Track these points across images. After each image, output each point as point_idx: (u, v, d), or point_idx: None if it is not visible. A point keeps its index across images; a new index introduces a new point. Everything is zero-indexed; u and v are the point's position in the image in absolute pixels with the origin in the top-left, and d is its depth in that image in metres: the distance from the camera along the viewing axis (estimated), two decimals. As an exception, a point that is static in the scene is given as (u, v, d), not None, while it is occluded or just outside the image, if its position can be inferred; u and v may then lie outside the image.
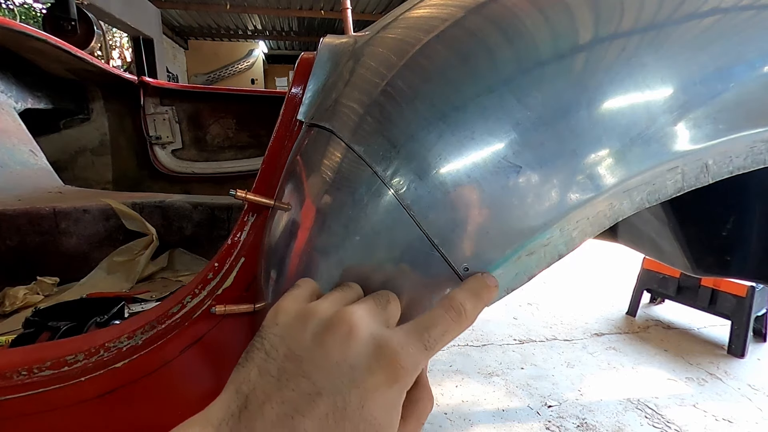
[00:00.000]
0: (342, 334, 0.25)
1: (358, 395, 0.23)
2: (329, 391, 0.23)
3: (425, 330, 0.26)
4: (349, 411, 0.23)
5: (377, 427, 0.23)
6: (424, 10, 0.38)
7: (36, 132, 1.38)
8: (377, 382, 0.24)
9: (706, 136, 0.32)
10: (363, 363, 0.24)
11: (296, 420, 0.23)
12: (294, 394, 0.24)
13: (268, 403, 0.23)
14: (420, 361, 0.25)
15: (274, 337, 0.26)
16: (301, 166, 0.37)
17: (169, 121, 1.68)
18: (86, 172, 1.66)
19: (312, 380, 0.24)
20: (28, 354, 0.43)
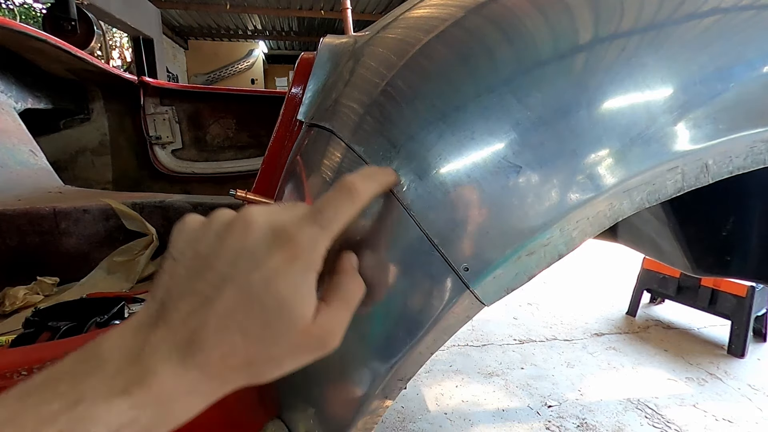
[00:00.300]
0: (241, 227, 0.26)
1: (261, 276, 0.25)
2: (234, 276, 0.25)
3: (318, 211, 0.27)
4: (256, 291, 0.25)
5: (285, 305, 0.25)
6: (424, 10, 0.38)
7: (36, 132, 1.38)
8: (277, 262, 0.25)
9: (706, 136, 0.32)
10: (262, 247, 0.25)
11: (207, 307, 0.25)
12: (203, 285, 0.25)
13: (180, 299, 0.25)
14: (317, 238, 0.26)
15: (181, 244, 0.27)
16: (301, 166, 0.38)
17: (169, 121, 1.68)
18: (86, 172, 1.66)
19: (217, 271, 0.25)
20: (28, 354, 0.43)
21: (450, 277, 0.31)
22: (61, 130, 1.61)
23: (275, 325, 0.25)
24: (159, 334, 0.25)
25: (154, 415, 0.23)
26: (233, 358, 0.25)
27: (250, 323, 0.25)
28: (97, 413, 0.22)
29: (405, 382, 0.35)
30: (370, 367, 0.34)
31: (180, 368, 0.24)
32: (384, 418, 1.38)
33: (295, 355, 0.27)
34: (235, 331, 0.25)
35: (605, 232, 0.77)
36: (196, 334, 0.24)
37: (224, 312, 0.25)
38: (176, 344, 0.24)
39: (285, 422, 0.39)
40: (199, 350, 0.24)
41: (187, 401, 0.25)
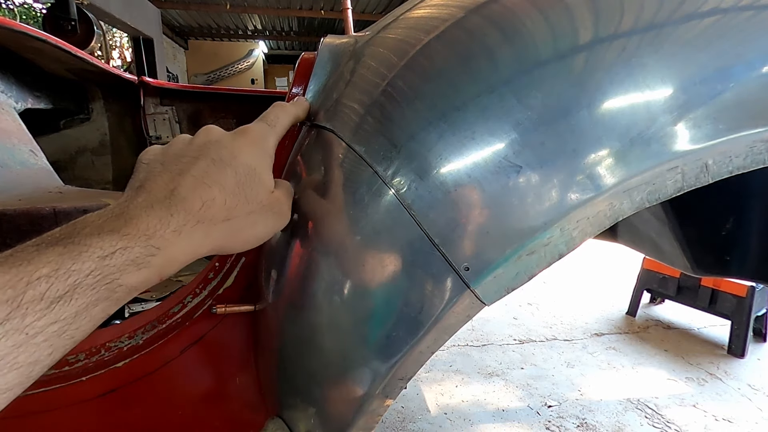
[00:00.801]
0: (205, 130, 0.33)
1: (228, 152, 0.31)
2: (206, 153, 0.31)
3: (265, 116, 0.35)
4: (227, 161, 0.30)
5: (254, 169, 0.31)
6: (424, 11, 0.38)
7: (36, 132, 1.38)
8: (240, 143, 0.32)
9: (706, 136, 0.32)
10: (226, 136, 0.32)
11: (184, 173, 0.29)
12: (178, 164, 0.30)
13: (159, 175, 0.30)
14: (267, 131, 0.34)
15: (149, 155, 0.33)
16: (301, 166, 0.38)
17: (169, 121, 1.68)
18: (86, 172, 1.66)
19: (190, 155, 0.31)
20: (29, 354, 0.43)
21: (450, 276, 0.31)
22: (61, 130, 1.61)
23: (247, 183, 0.31)
24: (141, 196, 0.28)
25: (147, 247, 0.26)
26: (214, 208, 0.29)
27: (225, 180, 0.30)
28: (89, 242, 0.24)
29: (405, 381, 0.35)
30: (371, 367, 0.34)
31: (163, 212, 0.27)
32: (384, 417, 1.38)
33: (265, 216, 0.33)
34: (212, 184, 0.29)
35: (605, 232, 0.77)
36: (177, 188, 0.28)
37: (200, 173, 0.29)
38: (158, 198, 0.28)
39: (285, 421, 0.39)
40: (181, 200, 0.28)
41: (176, 242, 0.27)
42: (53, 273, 0.22)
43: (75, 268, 0.23)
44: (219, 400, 0.42)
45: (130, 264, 0.25)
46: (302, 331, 0.36)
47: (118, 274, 0.25)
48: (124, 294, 0.26)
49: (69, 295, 0.23)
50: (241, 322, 0.42)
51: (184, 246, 0.28)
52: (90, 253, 0.24)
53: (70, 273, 0.23)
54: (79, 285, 0.23)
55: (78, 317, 0.23)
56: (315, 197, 0.35)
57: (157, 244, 0.26)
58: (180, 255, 0.28)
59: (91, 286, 0.24)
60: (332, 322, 0.35)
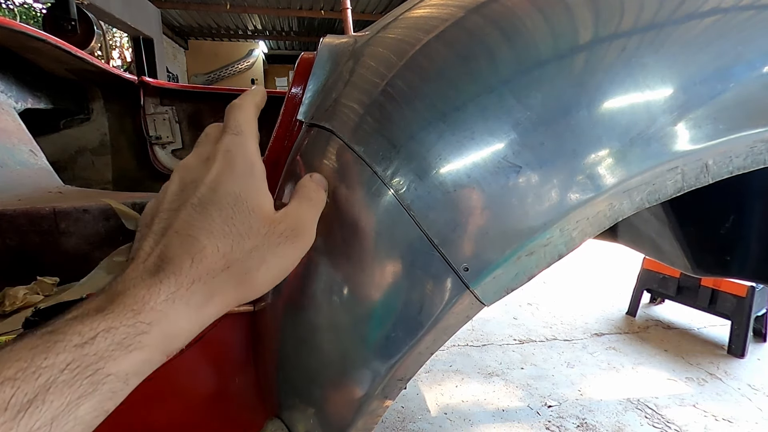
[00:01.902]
0: (171, 179, 0.31)
1: (206, 189, 0.28)
2: (185, 201, 0.28)
3: (226, 127, 0.31)
4: (207, 200, 0.27)
5: (238, 197, 0.28)
6: (424, 10, 0.38)
7: (36, 132, 1.38)
8: (216, 170, 0.28)
9: (707, 136, 0.32)
10: (201, 171, 0.29)
11: (168, 232, 0.27)
12: (159, 223, 0.28)
13: (143, 240, 0.27)
14: (235, 143, 0.30)
15: (145, 212, 0.32)
16: (300, 166, 0.38)
17: (169, 121, 1.68)
18: (86, 172, 1.66)
19: (171, 207, 0.28)
20: (28, 354, 0.43)
21: (450, 277, 0.31)
22: (61, 130, 1.61)
23: (236, 217, 0.27)
24: (130, 268, 0.26)
25: (136, 325, 0.23)
26: (207, 259, 0.26)
27: (211, 223, 0.26)
28: (66, 329, 0.21)
29: (405, 382, 0.35)
30: (370, 367, 0.34)
31: (152, 280, 0.24)
32: (384, 418, 1.38)
33: (272, 245, 0.28)
34: (199, 234, 0.26)
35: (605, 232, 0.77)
36: (164, 252, 0.26)
37: (182, 225, 0.26)
38: (146, 267, 0.25)
39: (285, 422, 0.39)
40: (169, 262, 0.25)
41: (172, 312, 0.24)
42: (20, 374, 0.19)
43: (46, 363, 0.20)
44: (218, 400, 0.42)
45: (116, 348, 0.22)
46: (301, 332, 0.36)
47: (103, 362, 0.21)
48: (118, 384, 0.22)
49: (40, 398, 0.19)
50: (241, 323, 0.42)
51: (183, 314, 0.24)
52: (66, 342, 0.21)
53: (40, 371, 0.19)
54: (53, 383, 0.19)
55: (58, 423, 0.19)
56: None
57: (147, 319, 0.23)
58: (182, 325, 0.25)
59: (68, 383, 0.20)
60: (331, 323, 0.35)
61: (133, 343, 0.22)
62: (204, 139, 0.32)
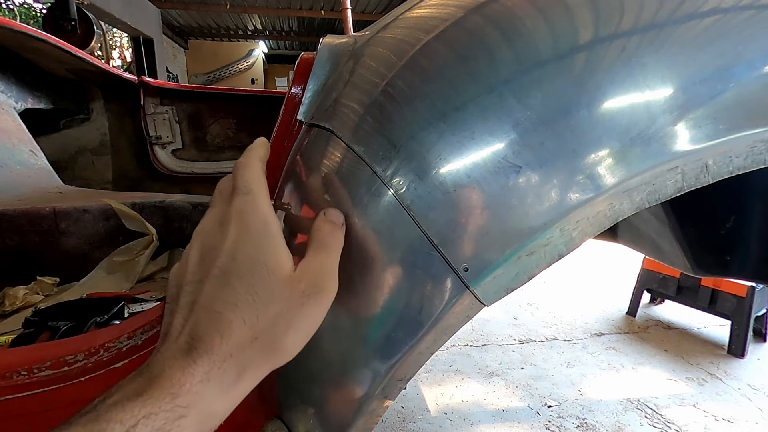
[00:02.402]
0: (197, 235, 0.31)
1: (226, 255, 0.28)
2: (207, 272, 0.28)
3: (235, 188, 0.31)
4: (227, 269, 0.27)
5: (256, 263, 0.27)
6: (424, 10, 0.38)
7: (36, 132, 1.38)
8: (233, 236, 0.28)
9: (707, 136, 0.32)
10: (219, 238, 0.29)
11: (195, 307, 0.27)
12: (187, 298, 0.27)
13: (173, 317, 0.27)
14: (246, 202, 0.29)
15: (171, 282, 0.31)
16: (300, 166, 0.37)
17: (169, 121, 1.68)
18: (86, 172, 1.66)
19: (194, 279, 0.28)
20: (28, 354, 0.43)
21: (450, 277, 0.31)
22: (61, 130, 1.61)
23: (257, 284, 0.27)
24: (162, 348, 0.26)
25: (174, 409, 0.23)
26: (235, 333, 0.26)
27: (235, 295, 0.26)
28: (110, 415, 0.22)
29: (405, 382, 0.35)
30: (370, 367, 0.34)
31: (186, 361, 0.24)
32: (384, 418, 1.38)
33: (295, 307, 0.28)
34: (225, 309, 0.26)
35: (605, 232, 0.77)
36: (193, 330, 0.26)
37: (208, 299, 0.26)
38: (179, 347, 0.25)
39: (285, 422, 0.39)
40: (200, 340, 0.25)
41: (208, 392, 0.25)
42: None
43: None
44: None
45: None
46: (301, 332, 0.36)
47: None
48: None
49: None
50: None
51: (218, 392, 0.25)
52: (109, 431, 0.21)
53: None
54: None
55: None
56: (314, 198, 0.35)
57: (184, 402, 0.23)
58: (218, 405, 0.25)
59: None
60: (331, 323, 0.35)
61: (173, 429, 0.23)
62: (217, 197, 0.32)
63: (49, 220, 0.94)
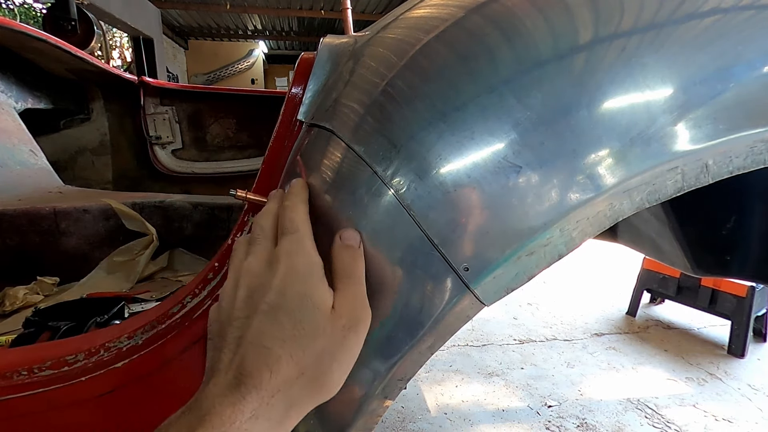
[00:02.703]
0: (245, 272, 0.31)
1: (275, 292, 0.29)
2: (255, 308, 0.29)
3: (282, 228, 0.32)
4: (276, 306, 0.28)
5: (303, 299, 0.29)
6: (424, 10, 0.38)
7: (36, 132, 1.38)
8: (281, 273, 0.29)
9: (707, 136, 0.32)
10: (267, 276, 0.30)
11: (243, 342, 0.27)
12: (234, 333, 0.28)
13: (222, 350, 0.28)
14: (294, 241, 0.31)
15: (213, 318, 0.32)
16: (301, 166, 0.37)
17: (169, 121, 1.68)
18: (86, 172, 1.66)
19: (241, 315, 0.29)
20: (29, 354, 0.43)
21: (450, 277, 0.31)
22: (61, 130, 1.61)
23: (304, 319, 0.28)
24: (211, 384, 0.26)
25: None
26: (283, 369, 0.26)
27: (283, 331, 0.27)
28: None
29: (405, 382, 0.35)
30: (370, 367, 0.34)
31: (235, 397, 0.25)
32: (384, 418, 1.38)
33: (338, 342, 0.29)
34: (271, 343, 0.27)
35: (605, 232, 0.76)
36: (242, 365, 0.26)
37: (256, 335, 0.27)
38: (228, 383, 0.26)
39: (285, 422, 0.39)
40: (248, 376, 0.26)
41: (257, 426, 0.25)
42: None
43: None
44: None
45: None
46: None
47: None
48: None
49: None
50: (241, 323, 0.42)
51: (267, 428, 0.26)
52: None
53: None
54: None
55: None
56: (314, 197, 0.35)
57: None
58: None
59: None
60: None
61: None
62: (260, 234, 0.33)
63: (49, 220, 0.94)
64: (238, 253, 0.33)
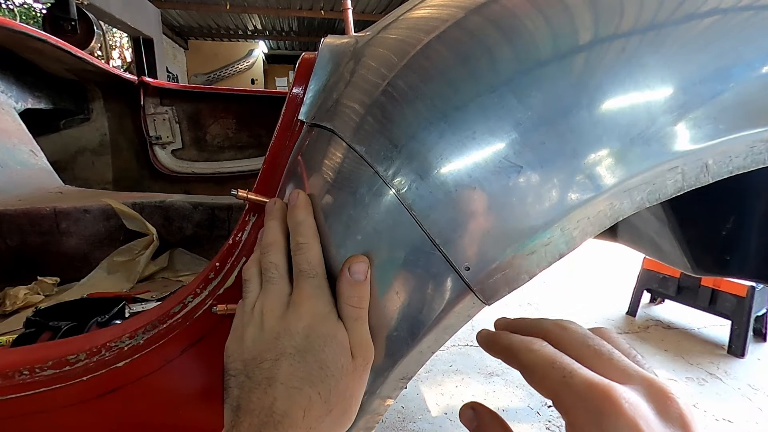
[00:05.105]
0: (268, 312, 0.32)
1: (302, 336, 0.30)
2: (283, 351, 0.30)
3: (297, 267, 0.33)
4: (303, 349, 0.30)
5: (326, 335, 0.30)
6: (424, 11, 0.38)
7: (36, 132, 1.38)
8: (304, 316, 0.31)
9: (707, 136, 0.32)
10: (292, 320, 0.31)
11: (272, 384, 0.28)
12: (263, 374, 0.29)
13: (252, 391, 0.29)
14: (313, 285, 0.32)
15: (234, 357, 0.32)
16: (302, 165, 0.38)
17: (169, 121, 1.68)
18: (86, 172, 1.66)
19: (269, 357, 0.30)
20: (30, 354, 0.43)
21: (451, 276, 0.31)
22: (61, 130, 1.61)
23: (328, 359, 0.30)
24: (245, 421, 0.27)
25: None
26: (314, 408, 0.28)
27: (311, 372, 0.29)
28: None
29: (406, 381, 0.35)
30: (371, 367, 0.34)
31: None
32: (384, 417, 1.38)
33: (356, 379, 0.31)
34: (302, 384, 0.28)
35: (605, 232, 0.77)
36: (273, 404, 0.27)
37: (286, 376, 0.28)
38: (261, 420, 0.27)
39: (286, 422, 0.39)
40: (283, 416, 0.27)
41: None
42: None
43: None
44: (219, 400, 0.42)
45: None
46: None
47: None
48: None
49: None
50: (242, 322, 0.42)
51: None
52: None
53: None
54: None
55: None
56: (315, 197, 0.35)
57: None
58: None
59: None
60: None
61: None
62: (275, 274, 0.33)
63: (49, 220, 0.94)
64: (253, 287, 0.34)
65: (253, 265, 0.35)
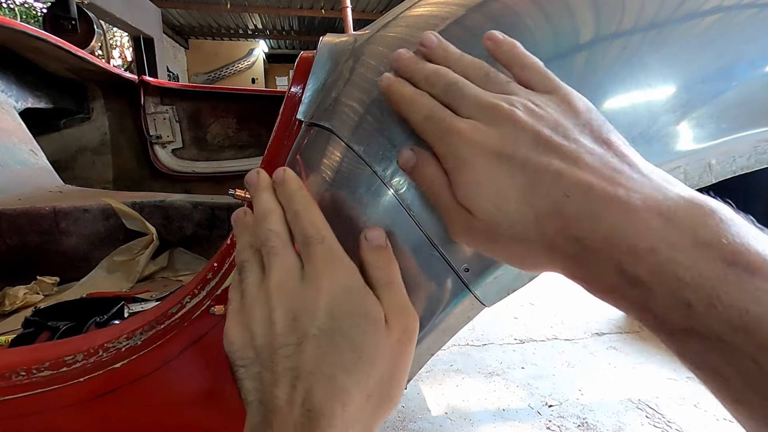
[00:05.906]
0: (278, 288, 0.27)
1: (324, 312, 0.26)
2: (305, 333, 0.26)
3: (305, 243, 0.28)
4: (327, 328, 0.25)
5: (356, 316, 0.26)
6: (424, 9, 0.37)
7: (36, 131, 1.38)
8: (323, 289, 0.26)
9: (709, 136, 0.31)
10: (310, 293, 0.27)
11: (299, 377, 0.25)
12: (283, 363, 0.25)
13: (274, 385, 0.25)
14: (324, 252, 0.28)
15: (240, 345, 0.28)
16: (300, 165, 0.37)
17: (170, 120, 1.68)
18: (86, 171, 1.66)
19: (289, 342, 0.26)
20: (28, 354, 0.43)
21: (450, 277, 0.31)
22: (61, 130, 1.61)
23: (361, 337, 0.25)
24: (277, 421, 0.24)
25: None
26: (353, 399, 0.25)
27: (342, 356, 0.25)
28: None
29: (406, 381, 0.35)
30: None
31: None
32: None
33: (397, 357, 0.27)
34: (335, 372, 0.24)
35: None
36: (308, 400, 0.24)
37: (315, 363, 0.24)
38: (295, 421, 0.24)
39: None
40: (320, 413, 0.24)
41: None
42: None
43: None
44: (217, 401, 0.42)
45: None
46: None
47: None
48: None
49: None
50: (240, 323, 0.42)
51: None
52: None
53: None
54: None
55: None
56: (314, 197, 0.35)
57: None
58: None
59: None
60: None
61: None
62: (278, 243, 0.28)
63: (49, 219, 0.94)
64: (251, 266, 0.29)
65: (245, 247, 0.30)
